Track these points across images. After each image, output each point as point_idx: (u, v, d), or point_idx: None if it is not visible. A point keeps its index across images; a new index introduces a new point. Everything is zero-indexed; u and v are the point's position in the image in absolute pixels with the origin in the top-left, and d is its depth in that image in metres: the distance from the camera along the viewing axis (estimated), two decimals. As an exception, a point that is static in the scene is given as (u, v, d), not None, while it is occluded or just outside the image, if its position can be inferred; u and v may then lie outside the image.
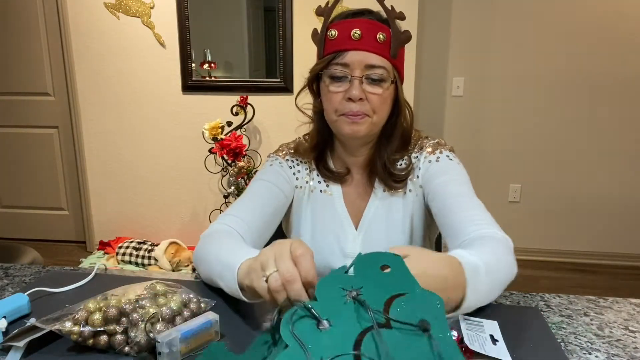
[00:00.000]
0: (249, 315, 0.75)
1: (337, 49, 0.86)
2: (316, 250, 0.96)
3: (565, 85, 2.85)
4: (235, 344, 0.67)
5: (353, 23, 0.85)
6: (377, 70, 0.85)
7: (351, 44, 0.85)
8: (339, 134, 0.94)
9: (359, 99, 0.85)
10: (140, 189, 3.01)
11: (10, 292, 0.84)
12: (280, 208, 0.99)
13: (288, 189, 1.00)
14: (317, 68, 0.90)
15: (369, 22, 0.86)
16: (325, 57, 0.88)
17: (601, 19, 2.75)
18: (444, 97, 3.01)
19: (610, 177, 2.94)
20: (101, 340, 0.64)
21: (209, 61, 2.80)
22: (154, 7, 2.71)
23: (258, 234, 0.93)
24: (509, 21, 2.84)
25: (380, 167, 0.95)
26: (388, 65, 0.87)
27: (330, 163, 1.01)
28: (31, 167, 3.15)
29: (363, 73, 0.85)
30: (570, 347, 0.67)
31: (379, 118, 0.90)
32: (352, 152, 0.98)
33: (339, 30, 0.86)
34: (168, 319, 0.66)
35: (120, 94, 2.87)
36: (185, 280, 0.88)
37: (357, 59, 0.85)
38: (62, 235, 3.26)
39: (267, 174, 1.00)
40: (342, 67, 0.86)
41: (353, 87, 0.85)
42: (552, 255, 3.05)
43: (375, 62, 0.85)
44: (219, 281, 0.75)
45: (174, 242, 2.74)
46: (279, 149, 1.05)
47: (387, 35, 0.86)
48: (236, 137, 2.58)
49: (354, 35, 0.84)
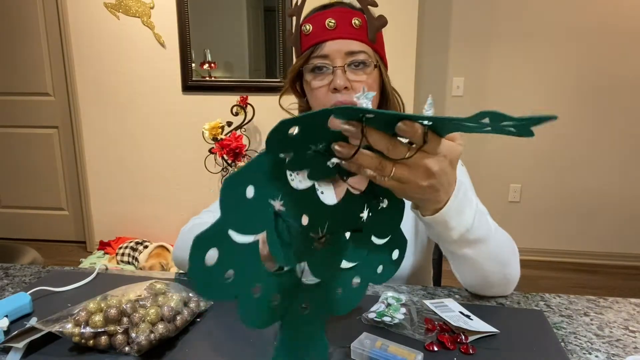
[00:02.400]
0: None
1: (314, 41, 0.85)
2: None
3: (565, 85, 2.85)
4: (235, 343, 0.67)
5: (326, 14, 0.84)
6: (358, 56, 0.84)
7: (327, 34, 0.83)
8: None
9: (344, 88, 0.83)
10: (140, 189, 3.01)
11: (11, 292, 0.84)
12: None
13: None
14: (297, 65, 0.88)
15: (342, 9, 0.85)
16: (304, 53, 0.87)
17: (601, 19, 2.75)
18: (444, 97, 3.01)
19: (610, 177, 2.94)
20: (102, 341, 0.64)
21: (209, 61, 2.80)
22: (154, 7, 2.71)
23: None
24: (509, 21, 2.85)
25: None
26: (368, 49, 0.85)
27: None
28: (31, 167, 3.15)
29: (345, 61, 0.83)
30: (570, 347, 0.67)
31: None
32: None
33: (312, 23, 0.85)
34: (168, 318, 0.66)
35: (120, 94, 2.87)
36: (185, 279, 0.88)
37: (336, 47, 0.83)
38: (62, 235, 3.26)
39: None
40: (322, 59, 0.84)
41: (337, 77, 0.83)
42: (552, 255, 3.05)
43: (354, 48, 0.84)
44: None
45: (161, 246, 2.73)
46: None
47: (363, 20, 0.85)
48: (236, 137, 2.58)
49: (328, 24, 0.83)
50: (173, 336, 0.67)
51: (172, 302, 0.68)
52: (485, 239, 0.69)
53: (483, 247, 0.69)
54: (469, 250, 0.69)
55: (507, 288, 0.80)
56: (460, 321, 0.70)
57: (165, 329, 0.64)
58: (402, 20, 2.58)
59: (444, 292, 0.84)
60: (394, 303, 0.75)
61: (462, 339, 0.66)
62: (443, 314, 0.72)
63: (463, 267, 0.75)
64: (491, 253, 0.71)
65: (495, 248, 0.71)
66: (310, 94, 0.89)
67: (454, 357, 0.63)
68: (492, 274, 0.74)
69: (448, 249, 0.71)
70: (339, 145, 0.48)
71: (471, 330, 0.68)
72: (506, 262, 0.75)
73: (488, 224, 0.70)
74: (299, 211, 0.49)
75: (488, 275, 0.74)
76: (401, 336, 0.68)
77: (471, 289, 0.81)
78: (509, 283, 0.78)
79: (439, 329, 0.69)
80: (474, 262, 0.71)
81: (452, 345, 0.65)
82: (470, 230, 0.65)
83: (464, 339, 0.66)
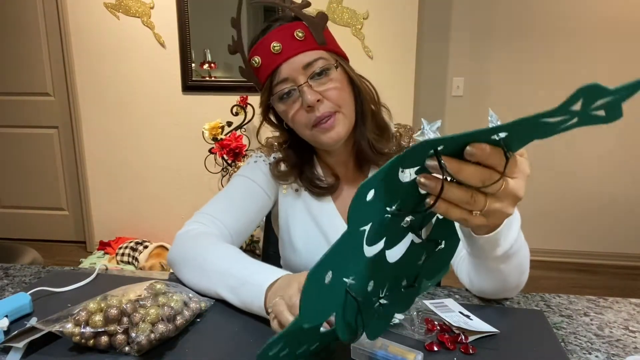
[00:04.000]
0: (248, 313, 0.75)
1: (269, 71, 0.83)
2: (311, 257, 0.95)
3: (565, 85, 2.85)
4: (235, 343, 0.67)
5: (267, 39, 0.83)
6: (315, 65, 0.82)
7: (277, 58, 0.82)
8: (321, 146, 0.88)
9: (317, 101, 0.82)
10: (140, 189, 3.01)
11: (11, 292, 0.84)
12: (261, 208, 0.96)
13: (271, 188, 0.97)
14: (264, 99, 0.88)
15: (281, 28, 0.83)
16: (264, 86, 0.86)
17: (601, 19, 2.75)
18: (444, 97, 3.01)
19: (610, 177, 2.94)
20: (102, 341, 0.64)
21: (209, 61, 2.80)
22: (154, 7, 2.71)
23: (236, 235, 0.92)
24: (509, 21, 2.84)
25: (367, 147, 0.90)
26: (322, 53, 0.83)
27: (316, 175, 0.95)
28: (31, 167, 3.15)
29: (306, 76, 0.82)
30: (570, 347, 0.67)
31: (348, 109, 0.86)
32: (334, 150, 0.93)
33: (259, 54, 0.84)
34: (168, 318, 0.66)
35: (120, 94, 2.87)
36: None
37: (292, 67, 0.82)
38: (62, 235, 3.26)
39: (249, 171, 0.97)
40: (283, 84, 0.83)
41: (305, 95, 0.81)
42: (552, 255, 3.05)
43: (309, 59, 0.82)
44: (224, 292, 0.75)
45: (161, 246, 2.73)
46: (265, 145, 1.01)
47: (304, 29, 0.83)
48: (236, 137, 2.58)
49: (274, 49, 0.82)
50: (173, 336, 0.67)
51: (172, 302, 0.68)
52: (519, 251, 0.67)
53: (515, 260, 0.68)
54: (504, 265, 0.68)
55: (517, 292, 0.80)
56: (460, 321, 0.70)
57: (165, 329, 0.64)
58: (402, 20, 2.58)
59: (444, 292, 0.84)
60: None
61: (462, 339, 0.66)
62: (443, 314, 0.72)
63: (487, 277, 0.73)
64: (519, 264, 0.70)
65: (523, 259, 0.70)
66: (290, 122, 0.88)
67: (454, 357, 0.63)
68: (511, 282, 0.73)
69: (484, 264, 0.69)
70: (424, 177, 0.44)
71: (471, 330, 0.68)
72: (525, 269, 0.74)
73: (521, 235, 0.68)
74: (367, 279, 0.48)
75: (507, 283, 0.73)
76: (401, 336, 0.68)
77: (481, 294, 0.80)
78: (519, 287, 0.78)
79: (439, 329, 0.69)
80: (502, 274, 0.70)
81: (452, 345, 0.65)
82: (513, 245, 0.64)
83: (464, 339, 0.66)
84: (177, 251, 0.86)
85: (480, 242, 0.61)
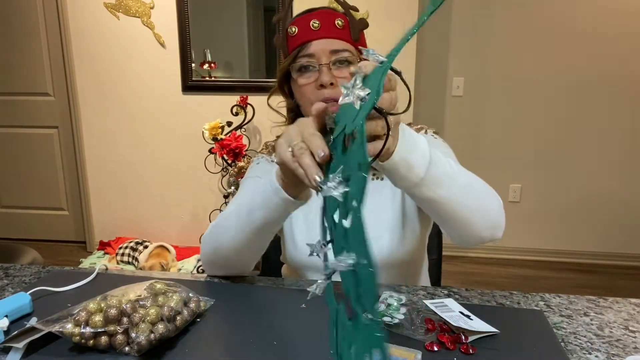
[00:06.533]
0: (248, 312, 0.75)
1: (300, 42, 0.89)
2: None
3: (565, 85, 2.85)
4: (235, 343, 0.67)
5: (310, 16, 0.89)
6: (342, 54, 0.87)
7: (312, 34, 0.88)
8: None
9: (330, 84, 0.86)
10: (140, 189, 3.01)
11: (11, 292, 0.84)
12: None
13: None
14: (285, 65, 0.92)
15: (325, 12, 0.90)
16: (291, 54, 0.90)
17: (601, 19, 2.75)
18: (444, 97, 3.01)
19: (610, 177, 2.94)
20: (102, 341, 0.64)
21: (209, 61, 2.80)
22: (154, 7, 2.71)
23: None
24: (508, 21, 2.84)
25: None
26: (352, 48, 0.89)
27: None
28: (31, 167, 3.15)
29: (329, 59, 0.87)
30: (570, 347, 0.67)
31: None
32: None
33: (298, 26, 0.90)
34: (168, 318, 0.66)
35: (120, 94, 2.87)
36: (185, 279, 0.88)
37: (321, 47, 0.87)
38: (62, 235, 3.26)
39: (256, 171, 1.00)
40: (308, 58, 0.88)
41: (322, 74, 0.86)
42: (552, 255, 3.05)
43: (338, 46, 0.87)
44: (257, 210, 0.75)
45: (161, 246, 2.73)
46: (264, 148, 1.06)
47: (345, 21, 0.89)
48: (236, 137, 2.58)
49: (313, 25, 0.88)
50: (173, 336, 0.67)
51: (172, 302, 0.68)
52: (452, 175, 0.71)
53: (453, 183, 0.71)
54: (441, 191, 0.69)
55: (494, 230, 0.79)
56: (460, 321, 0.70)
57: (165, 329, 0.64)
58: (402, 20, 2.57)
59: (444, 292, 0.84)
60: (394, 303, 0.75)
61: (462, 339, 0.66)
62: (443, 314, 0.72)
63: (442, 213, 0.74)
64: (463, 188, 0.73)
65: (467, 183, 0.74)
66: (297, 91, 0.92)
67: (454, 357, 0.63)
68: (470, 211, 0.74)
69: (421, 195, 0.70)
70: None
71: (471, 330, 0.68)
72: (482, 195, 0.77)
73: (450, 162, 0.72)
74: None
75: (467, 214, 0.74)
76: (401, 336, 0.68)
77: (459, 239, 0.80)
78: (491, 220, 0.78)
79: (439, 329, 0.69)
80: (449, 201, 0.71)
81: (452, 345, 0.65)
82: (432, 163, 0.66)
83: (464, 339, 0.66)
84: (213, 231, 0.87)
85: (390, 167, 0.64)
